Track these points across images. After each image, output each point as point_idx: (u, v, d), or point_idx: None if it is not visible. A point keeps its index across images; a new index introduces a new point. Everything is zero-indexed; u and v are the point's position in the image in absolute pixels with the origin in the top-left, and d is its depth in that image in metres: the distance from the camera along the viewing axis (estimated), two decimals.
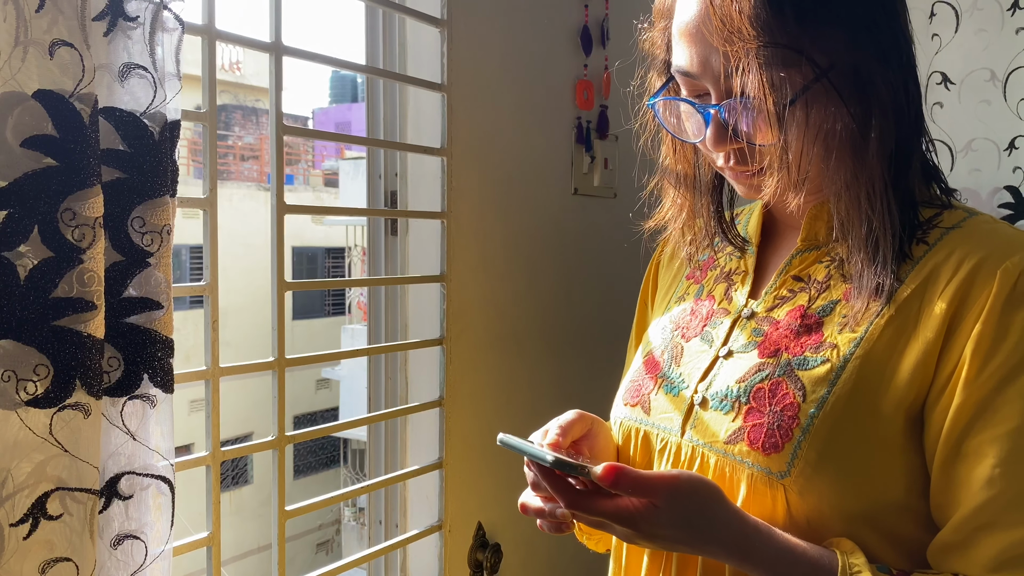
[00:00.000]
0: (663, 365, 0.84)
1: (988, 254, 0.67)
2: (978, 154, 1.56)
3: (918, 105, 0.72)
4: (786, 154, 0.70)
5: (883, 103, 0.69)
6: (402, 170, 1.42)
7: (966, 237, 0.70)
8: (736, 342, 0.79)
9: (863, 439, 0.68)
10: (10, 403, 0.72)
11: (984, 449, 0.64)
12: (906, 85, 0.70)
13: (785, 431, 0.70)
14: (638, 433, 0.83)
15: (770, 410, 0.71)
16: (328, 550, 13.00)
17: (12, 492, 0.73)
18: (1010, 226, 0.71)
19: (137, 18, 0.78)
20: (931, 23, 1.59)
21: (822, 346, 0.72)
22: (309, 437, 1.19)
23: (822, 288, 0.75)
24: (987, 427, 0.64)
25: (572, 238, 1.65)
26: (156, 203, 0.80)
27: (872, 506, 0.68)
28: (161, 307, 0.82)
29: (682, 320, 0.87)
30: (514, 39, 1.48)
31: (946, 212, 0.73)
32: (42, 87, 0.71)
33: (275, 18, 1.10)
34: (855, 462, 0.68)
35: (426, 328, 1.41)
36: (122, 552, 0.82)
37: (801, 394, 0.70)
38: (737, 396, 0.74)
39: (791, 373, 0.72)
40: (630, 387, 0.87)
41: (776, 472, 0.69)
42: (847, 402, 0.69)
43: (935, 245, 0.70)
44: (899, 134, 0.70)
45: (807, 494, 0.68)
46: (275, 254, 1.11)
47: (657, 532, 0.66)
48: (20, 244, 0.72)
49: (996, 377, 0.64)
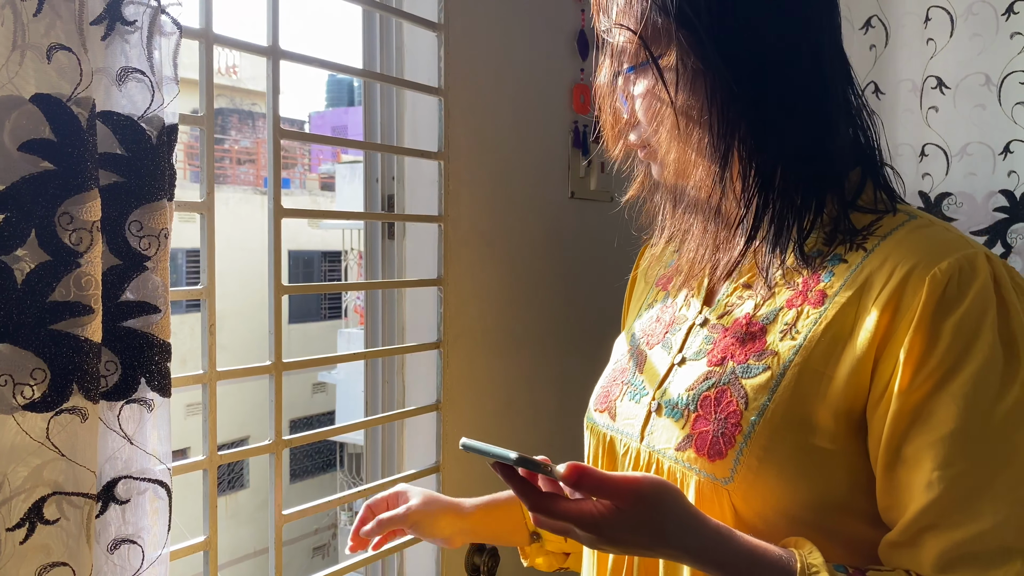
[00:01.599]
0: (629, 372, 0.86)
1: (919, 260, 0.67)
2: (973, 158, 1.56)
3: (829, 110, 0.73)
4: (653, 136, 0.77)
5: (740, 102, 0.71)
6: (399, 174, 1.42)
7: (899, 243, 0.70)
8: (689, 349, 0.80)
9: (802, 445, 0.69)
10: (7, 407, 0.72)
11: (922, 454, 0.65)
12: (808, 90, 0.72)
13: (728, 438, 0.71)
14: (605, 438, 0.86)
15: (715, 418, 0.73)
16: (324, 554, 12.97)
17: (8, 496, 0.73)
18: (947, 228, 0.71)
19: (135, 22, 0.78)
20: (926, 28, 1.59)
21: (764, 354, 0.73)
22: (307, 441, 1.19)
23: (767, 295, 0.76)
24: (923, 432, 0.65)
25: (569, 241, 1.66)
26: (154, 207, 0.80)
27: (817, 508, 0.69)
28: (159, 311, 0.81)
29: (648, 327, 0.89)
30: (511, 43, 1.48)
31: (886, 218, 0.73)
32: (40, 91, 0.71)
33: (272, 22, 1.10)
34: (795, 467, 0.69)
35: (423, 332, 1.41)
36: (119, 557, 0.81)
37: (743, 402, 0.72)
38: (686, 404, 0.76)
39: (735, 381, 0.73)
40: (600, 393, 0.89)
41: (721, 478, 0.71)
42: (786, 409, 0.70)
43: (872, 252, 0.71)
44: (796, 138, 0.72)
45: (751, 499, 0.70)
46: (272, 258, 1.11)
47: (620, 536, 0.66)
48: (17, 248, 0.71)
49: (929, 383, 0.65)
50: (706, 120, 0.72)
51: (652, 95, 0.75)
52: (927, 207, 1.61)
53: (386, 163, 1.42)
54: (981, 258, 0.66)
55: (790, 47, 0.71)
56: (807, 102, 0.72)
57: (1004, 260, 0.68)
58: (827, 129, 0.73)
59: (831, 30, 0.75)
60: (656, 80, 0.73)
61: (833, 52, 0.75)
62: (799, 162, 0.73)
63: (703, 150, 0.73)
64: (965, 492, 0.63)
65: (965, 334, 0.64)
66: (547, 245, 1.60)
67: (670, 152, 0.77)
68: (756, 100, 0.71)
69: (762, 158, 0.72)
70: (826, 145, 0.73)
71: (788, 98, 0.72)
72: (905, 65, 1.63)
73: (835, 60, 0.75)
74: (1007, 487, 0.62)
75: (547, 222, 1.60)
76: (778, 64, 0.71)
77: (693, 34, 0.71)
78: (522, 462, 0.65)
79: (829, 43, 0.74)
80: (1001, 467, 0.63)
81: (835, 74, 0.74)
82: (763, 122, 0.72)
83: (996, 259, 0.67)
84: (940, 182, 1.60)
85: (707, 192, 0.76)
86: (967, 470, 0.63)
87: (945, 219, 1.58)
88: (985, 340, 0.64)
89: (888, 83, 1.65)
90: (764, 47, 0.71)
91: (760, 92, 0.71)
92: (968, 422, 0.63)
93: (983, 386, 0.63)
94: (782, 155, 0.72)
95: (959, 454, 0.63)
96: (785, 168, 0.73)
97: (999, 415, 0.63)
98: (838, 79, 0.75)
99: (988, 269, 0.66)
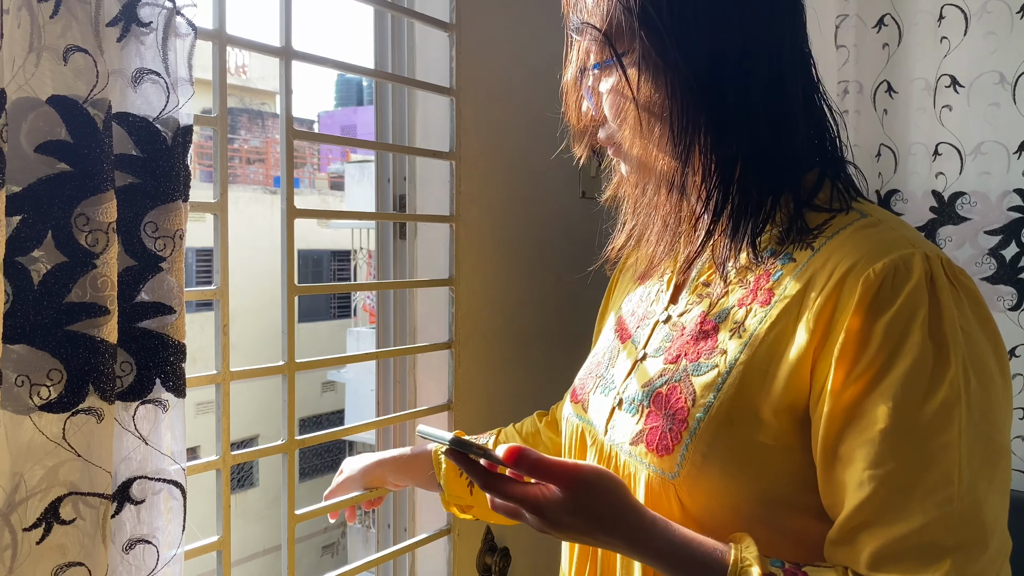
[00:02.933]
0: (603, 365, 0.89)
1: (856, 260, 0.68)
2: (987, 157, 1.55)
3: (787, 110, 0.74)
4: (617, 134, 0.79)
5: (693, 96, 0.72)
6: (411, 174, 1.42)
7: (843, 243, 0.71)
8: (651, 346, 0.82)
9: (746, 441, 0.70)
10: (24, 408, 0.72)
11: (855, 453, 0.65)
12: (766, 90, 0.73)
13: (675, 434, 0.73)
14: (577, 429, 0.88)
15: (665, 414, 0.75)
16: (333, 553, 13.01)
17: (25, 497, 0.73)
18: (893, 227, 0.71)
19: (150, 24, 0.78)
20: (940, 26, 1.58)
21: (714, 352, 0.75)
22: (319, 441, 1.19)
23: (722, 294, 0.78)
24: (855, 432, 0.66)
25: (580, 241, 1.65)
26: (169, 208, 0.80)
27: (762, 504, 0.71)
28: (173, 312, 0.82)
29: (623, 321, 0.91)
30: (523, 43, 1.48)
31: (838, 217, 0.74)
32: (56, 93, 0.71)
33: (285, 23, 1.10)
34: (739, 463, 0.70)
35: (435, 332, 1.41)
36: (134, 557, 0.82)
37: (691, 399, 0.73)
38: (641, 400, 0.78)
39: (685, 379, 0.75)
40: (577, 385, 0.92)
41: (668, 473, 0.73)
42: (729, 406, 0.71)
43: (818, 251, 0.72)
44: (754, 136, 0.73)
45: (696, 494, 0.72)
46: (285, 258, 1.11)
47: (562, 520, 0.69)
48: (34, 249, 0.72)
49: (860, 383, 0.66)
50: (667, 116, 0.74)
51: (616, 92, 0.77)
52: (940, 206, 1.60)
53: (398, 163, 1.42)
54: (917, 258, 0.66)
55: (750, 48, 0.73)
56: (765, 102, 0.73)
57: (946, 258, 0.68)
58: (785, 128, 0.75)
59: (792, 31, 0.76)
60: (620, 77, 0.75)
61: (794, 54, 0.76)
62: (757, 160, 0.74)
63: (664, 146, 0.75)
64: (896, 491, 0.63)
65: (895, 335, 0.65)
66: (559, 245, 1.60)
67: (633, 147, 0.79)
68: (715, 98, 0.73)
69: (721, 154, 0.74)
70: (783, 144, 0.74)
71: (746, 97, 0.73)
72: (918, 64, 1.62)
73: (796, 61, 0.76)
74: (936, 485, 0.63)
75: (559, 222, 1.60)
76: (737, 64, 0.73)
77: (654, 32, 0.72)
78: (456, 443, 0.70)
79: (790, 45, 0.75)
80: (928, 466, 0.63)
81: (795, 75, 0.76)
82: (722, 120, 0.73)
83: (937, 259, 0.67)
84: (954, 181, 1.59)
85: (668, 187, 0.78)
86: (897, 469, 0.64)
87: (959, 219, 1.57)
88: (914, 340, 0.64)
89: (901, 82, 1.64)
90: (724, 47, 0.72)
91: (719, 91, 0.73)
92: (897, 422, 0.64)
93: (912, 386, 0.64)
94: (740, 152, 0.74)
95: (889, 453, 0.64)
96: (743, 165, 0.74)
97: (927, 414, 0.63)
98: (799, 80, 0.76)
99: (923, 269, 0.66)
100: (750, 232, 0.74)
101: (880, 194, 1.68)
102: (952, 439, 0.63)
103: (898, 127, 1.65)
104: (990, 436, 0.65)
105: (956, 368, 0.64)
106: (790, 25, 0.76)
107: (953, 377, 0.64)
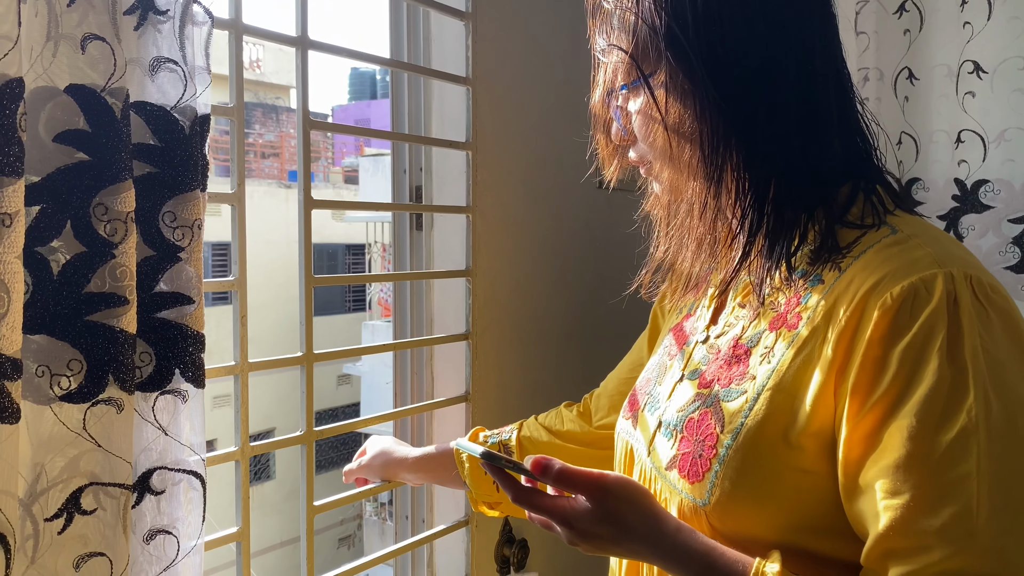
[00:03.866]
0: (652, 382, 0.88)
1: (877, 282, 0.66)
2: (1011, 144, 1.53)
3: (818, 126, 0.72)
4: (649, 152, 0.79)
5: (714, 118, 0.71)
6: (427, 164, 1.41)
7: (867, 263, 0.69)
8: (689, 368, 0.82)
9: (775, 468, 0.69)
10: (44, 398, 0.72)
11: (873, 483, 0.63)
12: (796, 107, 0.71)
13: (705, 461, 0.72)
14: (627, 446, 0.88)
15: (696, 439, 0.74)
16: (350, 545, 13.08)
17: (46, 487, 0.74)
18: (920, 242, 0.68)
19: (167, 12, 0.77)
20: (963, 11, 1.55)
21: (744, 378, 0.73)
22: (337, 432, 1.19)
23: (754, 316, 0.77)
24: (872, 461, 0.64)
25: (598, 232, 1.64)
26: (187, 197, 0.80)
27: (794, 531, 0.69)
28: (192, 302, 0.81)
29: (676, 336, 0.90)
30: (540, 32, 1.47)
31: (868, 234, 0.72)
32: (74, 82, 0.71)
33: (301, 12, 1.09)
34: (769, 490, 0.69)
35: (452, 323, 1.41)
36: (155, 547, 0.82)
37: (720, 425, 0.73)
38: (675, 425, 0.78)
39: (716, 404, 0.74)
40: (630, 398, 0.91)
41: (699, 500, 0.72)
42: (757, 433, 0.70)
43: (844, 271, 0.70)
44: (786, 154, 0.72)
45: (727, 520, 0.71)
46: (302, 249, 1.11)
47: (590, 529, 0.70)
48: (53, 239, 0.72)
49: (877, 411, 0.64)
50: (696, 137, 0.72)
51: (644, 114, 0.76)
52: (963, 195, 1.58)
53: (414, 154, 1.41)
54: (940, 279, 0.64)
55: (779, 66, 0.71)
56: (796, 119, 0.72)
57: (977, 276, 0.64)
58: (817, 144, 0.73)
59: (824, 44, 0.74)
60: (648, 99, 0.74)
61: (827, 67, 0.74)
62: (790, 177, 0.72)
63: (695, 166, 0.74)
64: (912, 522, 0.61)
65: (911, 360, 0.63)
66: (576, 235, 1.59)
67: (664, 169, 0.78)
68: (745, 117, 0.71)
69: (753, 174, 0.72)
70: (816, 160, 0.73)
71: (777, 115, 0.71)
72: (940, 50, 1.59)
73: (829, 75, 0.74)
74: (955, 519, 0.60)
75: (576, 212, 1.59)
76: (767, 83, 0.71)
77: (681, 53, 0.71)
78: (486, 456, 0.72)
79: (822, 59, 0.73)
80: (945, 498, 0.60)
81: (828, 89, 0.74)
82: (752, 138, 0.72)
83: (963, 278, 0.64)
84: (977, 169, 1.56)
85: (701, 208, 0.76)
86: (912, 500, 0.61)
87: (982, 207, 1.55)
88: (931, 366, 0.62)
89: (922, 68, 1.62)
90: (752, 66, 0.71)
91: (749, 110, 0.71)
92: (913, 451, 0.61)
93: (928, 414, 0.61)
94: (773, 170, 0.72)
95: (904, 484, 0.61)
96: (776, 183, 0.72)
97: (943, 444, 0.61)
98: (831, 93, 0.74)
99: (944, 290, 0.63)
100: (785, 251, 0.73)
101: (901, 183, 1.65)
102: (970, 470, 0.60)
103: (919, 114, 1.63)
104: (1016, 465, 0.61)
105: (976, 394, 0.61)
106: (821, 39, 0.73)
107: (972, 404, 0.61)
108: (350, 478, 1.23)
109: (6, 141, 0.62)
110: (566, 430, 1.11)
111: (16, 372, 0.64)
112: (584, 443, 1.07)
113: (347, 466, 1.24)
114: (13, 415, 0.64)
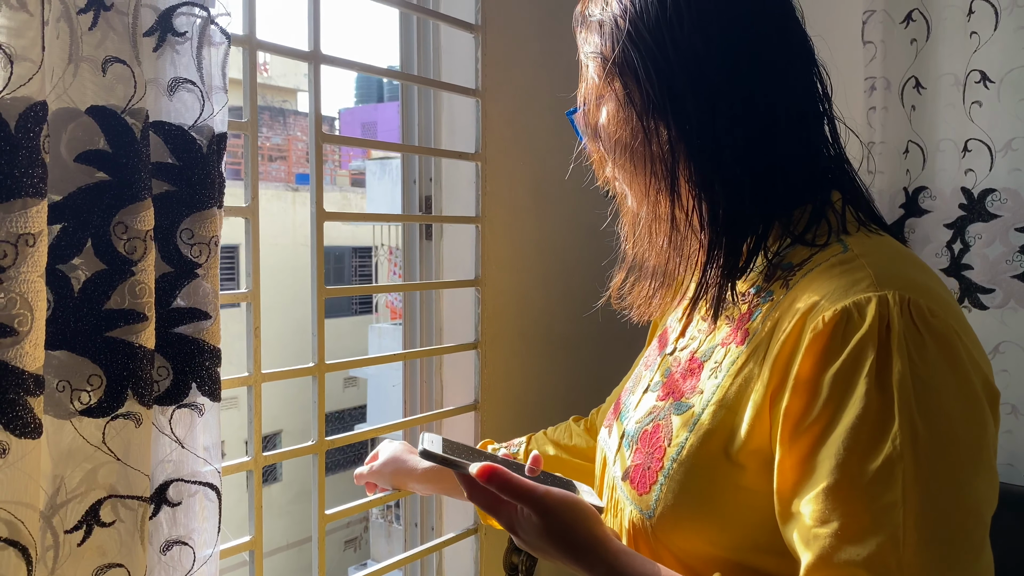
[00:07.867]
0: (628, 392, 0.90)
1: (814, 304, 0.65)
2: (1018, 153, 1.53)
3: (775, 147, 0.72)
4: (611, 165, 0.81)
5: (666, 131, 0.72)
6: (436, 174, 1.42)
7: (811, 281, 0.68)
8: (655, 379, 0.83)
9: (717, 484, 0.69)
10: (65, 413, 0.74)
11: (804, 508, 0.63)
12: (752, 128, 0.71)
13: (653, 473, 0.73)
14: (602, 454, 0.89)
15: (647, 451, 0.75)
16: (356, 547, 13.10)
17: (66, 499, 0.75)
18: (865, 262, 0.67)
19: (185, 33, 0.79)
20: (969, 21, 1.56)
21: (695, 392, 0.74)
22: (349, 441, 1.20)
23: (709, 331, 0.77)
24: (803, 488, 0.63)
25: (607, 241, 1.65)
26: (204, 215, 0.81)
27: (736, 548, 0.69)
28: (209, 317, 0.83)
29: (653, 346, 0.92)
30: (548, 43, 1.48)
31: (820, 253, 0.71)
32: (95, 103, 0.72)
33: (314, 27, 1.11)
34: (711, 506, 0.69)
35: (461, 332, 1.42)
36: (171, 558, 0.83)
37: (668, 439, 0.73)
38: (633, 435, 0.79)
39: (668, 417, 0.75)
40: (614, 407, 0.92)
41: (645, 512, 0.73)
42: (699, 448, 0.70)
43: (791, 289, 0.70)
44: (741, 174, 0.71)
45: (671, 535, 0.71)
46: (315, 260, 1.12)
47: (531, 540, 0.72)
48: (74, 257, 0.73)
49: (808, 437, 0.63)
50: (653, 152, 0.73)
51: (604, 128, 0.78)
52: (970, 203, 1.58)
53: (423, 164, 1.42)
54: (872, 304, 0.62)
55: (741, 92, 0.71)
56: (751, 140, 0.71)
57: (917, 299, 0.63)
58: (774, 161, 0.72)
59: (794, 71, 0.73)
60: (605, 114, 0.77)
61: (781, 90, 0.73)
62: (745, 195, 0.72)
63: (653, 184, 0.75)
64: (840, 551, 0.60)
65: (841, 387, 0.62)
66: (585, 244, 1.60)
67: (625, 184, 0.80)
68: (703, 138, 0.71)
69: (709, 193, 0.72)
70: (772, 178, 0.72)
71: (732, 134, 0.71)
72: (947, 59, 1.60)
73: (789, 96, 0.73)
74: (882, 549, 0.58)
75: (584, 221, 1.60)
76: (728, 106, 0.71)
77: (635, 74, 0.73)
78: (424, 455, 0.74)
79: (791, 84, 0.73)
80: (872, 528, 0.59)
81: (788, 109, 0.72)
82: (711, 159, 0.72)
83: (899, 303, 0.62)
84: (984, 178, 1.57)
85: (659, 224, 0.77)
86: (841, 529, 0.60)
87: (988, 216, 1.55)
88: (859, 393, 0.61)
89: (929, 78, 1.62)
90: (712, 90, 0.71)
91: (702, 129, 0.71)
92: (840, 479, 0.61)
93: (855, 443, 0.60)
94: (728, 188, 0.72)
95: (834, 512, 0.61)
96: (730, 203, 0.72)
97: (869, 472, 0.60)
98: (791, 113, 0.73)
99: (877, 315, 0.62)
100: (738, 268, 0.73)
101: (908, 191, 1.66)
102: (895, 499, 0.59)
103: (926, 123, 1.64)
104: (946, 494, 0.59)
105: (901, 421, 0.60)
106: (789, 65, 0.73)
107: (896, 432, 0.60)
108: (361, 481, 1.24)
109: (30, 163, 0.63)
110: (573, 445, 1.12)
111: (39, 388, 0.66)
112: (589, 458, 1.08)
113: (358, 469, 1.25)
114: (36, 430, 0.66)
